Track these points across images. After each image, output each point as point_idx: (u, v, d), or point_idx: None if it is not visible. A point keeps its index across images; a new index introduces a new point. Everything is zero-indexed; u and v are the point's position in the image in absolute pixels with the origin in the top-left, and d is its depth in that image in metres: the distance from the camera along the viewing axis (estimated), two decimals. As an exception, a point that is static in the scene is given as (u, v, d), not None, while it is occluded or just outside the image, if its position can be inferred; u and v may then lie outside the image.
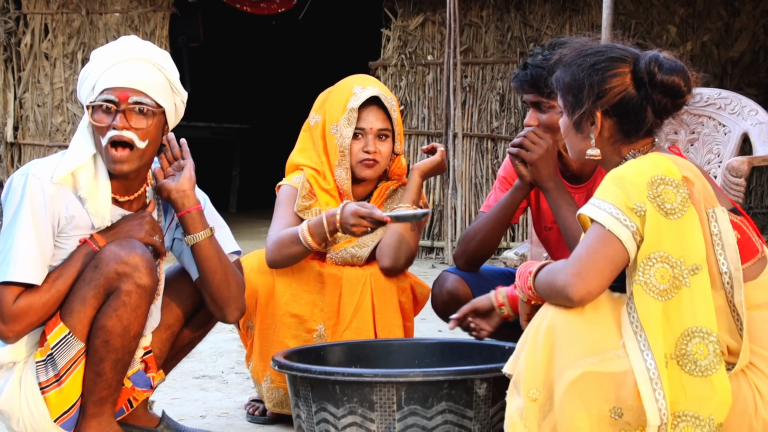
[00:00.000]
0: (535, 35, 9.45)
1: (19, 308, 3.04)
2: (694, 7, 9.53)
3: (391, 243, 3.81)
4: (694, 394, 2.43)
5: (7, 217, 3.08)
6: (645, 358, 2.41)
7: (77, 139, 3.17)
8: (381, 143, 3.86)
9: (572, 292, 2.47)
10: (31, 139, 10.57)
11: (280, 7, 10.56)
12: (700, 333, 2.44)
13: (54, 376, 3.10)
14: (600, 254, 2.48)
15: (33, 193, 3.07)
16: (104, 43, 10.23)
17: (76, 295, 3.10)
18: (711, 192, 2.56)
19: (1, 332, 3.06)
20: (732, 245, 2.52)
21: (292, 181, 3.91)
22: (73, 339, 3.09)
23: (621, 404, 2.42)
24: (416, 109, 9.65)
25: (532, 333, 2.54)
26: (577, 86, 2.68)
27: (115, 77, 3.12)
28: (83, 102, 3.19)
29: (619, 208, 2.49)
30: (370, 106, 3.86)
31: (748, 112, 3.98)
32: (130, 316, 3.09)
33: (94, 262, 3.10)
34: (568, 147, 2.80)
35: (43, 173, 3.10)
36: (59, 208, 3.10)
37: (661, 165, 2.53)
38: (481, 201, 9.32)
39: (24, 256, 3.03)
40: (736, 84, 9.51)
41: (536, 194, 3.72)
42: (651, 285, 2.45)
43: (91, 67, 3.16)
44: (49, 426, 3.13)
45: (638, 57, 2.67)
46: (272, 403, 3.85)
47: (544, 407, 2.49)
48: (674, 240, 2.47)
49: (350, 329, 3.78)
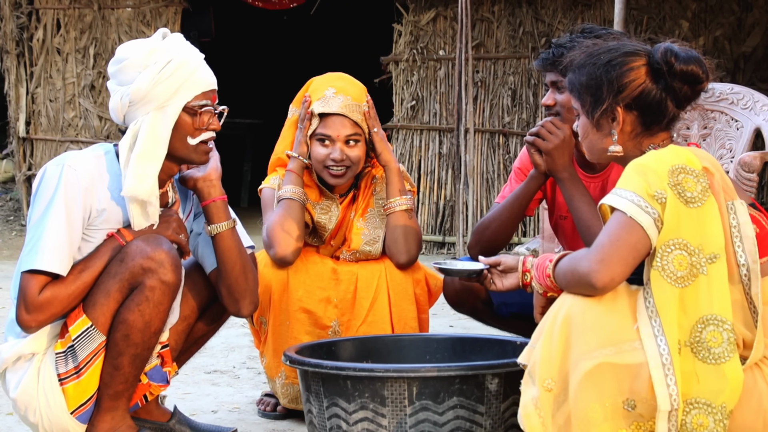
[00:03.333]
0: (546, 30, 9.43)
1: (45, 298, 3.05)
2: (706, 1, 9.50)
3: (398, 239, 3.82)
4: (707, 381, 2.44)
5: (39, 206, 3.08)
6: (659, 344, 2.42)
7: (153, 145, 3.13)
8: (350, 149, 3.84)
9: (596, 278, 2.48)
10: (43, 134, 10.59)
11: (291, 2, 10.57)
12: (714, 321, 2.45)
13: (74, 368, 3.11)
14: (622, 241, 2.49)
15: (68, 184, 3.07)
16: (116, 38, 10.26)
17: (100, 287, 3.11)
18: (730, 185, 2.58)
19: (24, 321, 3.06)
20: (750, 238, 2.53)
21: (270, 183, 3.96)
22: (95, 332, 3.11)
23: (634, 396, 2.42)
24: (428, 104, 9.64)
25: (549, 322, 2.54)
26: (595, 84, 2.72)
27: (204, 81, 3.19)
28: (159, 102, 3.14)
29: (641, 195, 2.51)
30: (335, 115, 3.84)
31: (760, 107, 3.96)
32: (152, 311, 3.11)
33: (120, 256, 3.12)
34: (588, 148, 2.82)
35: (79, 165, 3.11)
36: (92, 201, 3.12)
37: (682, 155, 2.55)
38: (492, 196, 9.31)
39: (53, 247, 3.03)
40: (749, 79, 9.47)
41: (552, 184, 3.72)
42: (669, 271, 2.47)
43: (175, 69, 3.13)
44: (65, 418, 3.14)
45: (651, 50, 2.71)
46: (287, 399, 3.86)
47: (558, 397, 2.49)
48: (693, 228, 2.48)
49: (366, 323, 3.79)
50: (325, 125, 3.82)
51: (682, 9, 9.48)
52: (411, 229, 3.84)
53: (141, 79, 3.12)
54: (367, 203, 3.93)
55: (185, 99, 3.16)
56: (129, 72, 3.15)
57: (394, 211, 3.85)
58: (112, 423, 3.16)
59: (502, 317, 3.82)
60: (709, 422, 2.42)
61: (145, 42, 3.19)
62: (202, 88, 3.18)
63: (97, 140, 10.40)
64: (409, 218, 3.85)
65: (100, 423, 3.16)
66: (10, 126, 10.80)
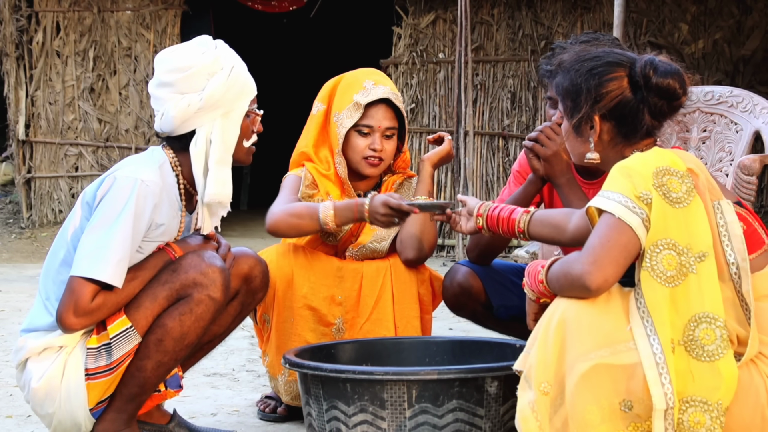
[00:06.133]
0: (546, 33, 9.44)
1: (96, 305, 3.07)
2: (705, 4, 9.51)
3: (413, 234, 3.85)
4: (702, 379, 2.45)
5: (108, 215, 3.08)
6: (652, 343, 2.44)
7: (225, 148, 3.23)
8: (387, 142, 3.89)
9: (589, 280, 2.49)
10: (43, 137, 10.60)
11: (291, 5, 10.57)
12: (707, 318, 2.47)
13: (106, 365, 3.12)
14: (613, 242, 2.51)
15: (140, 201, 3.10)
16: (115, 41, 10.26)
17: (147, 292, 3.14)
18: (715, 185, 2.60)
19: (69, 324, 3.06)
20: (738, 236, 2.55)
21: (296, 172, 3.95)
22: (134, 333, 3.12)
23: (631, 396, 2.43)
24: (427, 107, 9.65)
25: (543, 327, 2.55)
26: (575, 91, 2.74)
27: (254, 85, 3.28)
28: (227, 107, 3.22)
29: (628, 196, 2.52)
30: (379, 104, 3.88)
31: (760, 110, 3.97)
32: (191, 323, 3.14)
33: (173, 266, 3.16)
34: (570, 150, 2.85)
35: (150, 180, 3.13)
36: (156, 216, 3.16)
37: (666, 157, 2.57)
38: (492, 199, 9.32)
39: (117, 260, 3.06)
40: (748, 82, 9.49)
41: (550, 189, 3.73)
42: (658, 271, 2.48)
43: (236, 73, 3.22)
44: (81, 412, 3.14)
45: (634, 61, 2.72)
46: (290, 396, 3.86)
47: (555, 401, 2.50)
48: (680, 228, 2.50)
49: (370, 320, 3.80)
50: (368, 115, 3.87)
51: (681, 12, 9.49)
52: (429, 229, 3.87)
53: (213, 85, 3.17)
54: None
55: (246, 103, 3.25)
56: (198, 79, 3.18)
57: None
58: (116, 425, 3.16)
59: (501, 320, 3.82)
60: (706, 420, 2.43)
61: (198, 48, 3.22)
62: (254, 92, 3.29)
63: (97, 143, 10.41)
64: (430, 219, 3.87)
65: (104, 422, 3.16)
66: (10, 129, 10.80)
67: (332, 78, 4.03)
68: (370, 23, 11.51)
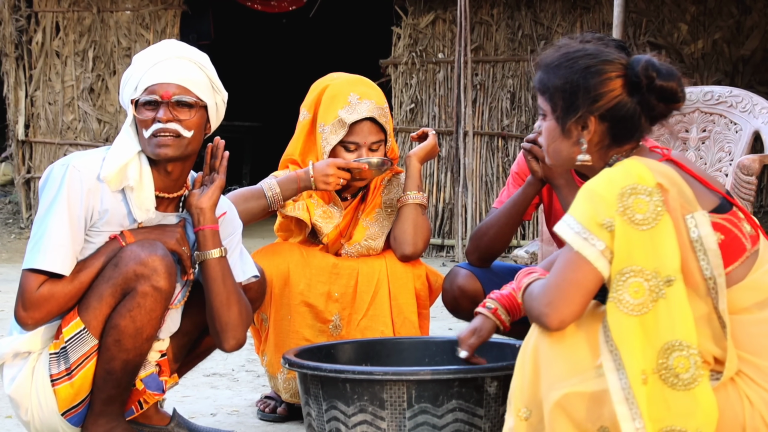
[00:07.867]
0: (545, 33, 9.44)
1: (41, 295, 3.05)
2: (705, 4, 9.51)
3: (407, 229, 3.86)
4: (678, 408, 2.38)
5: (43, 206, 3.09)
6: (620, 378, 2.37)
7: (121, 137, 3.18)
8: (374, 154, 3.87)
9: (547, 322, 2.46)
10: (42, 137, 10.60)
11: (290, 5, 10.58)
12: (679, 346, 2.38)
13: (65, 370, 3.11)
14: (567, 281, 2.45)
15: (71, 185, 3.07)
16: (115, 41, 10.27)
17: (94, 291, 3.10)
18: (689, 196, 2.48)
19: (21, 318, 3.07)
20: (714, 250, 2.45)
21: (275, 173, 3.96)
22: (87, 335, 3.10)
23: (606, 423, 2.38)
24: (427, 107, 9.65)
25: (521, 353, 2.53)
26: (570, 90, 2.58)
27: (158, 75, 3.15)
28: (125, 102, 3.21)
29: (586, 226, 2.43)
30: (364, 120, 3.86)
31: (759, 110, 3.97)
32: (144, 318, 3.09)
33: (114, 260, 3.10)
34: (554, 153, 2.70)
35: (83, 166, 3.11)
36: (94, 202, 3.11)
37: (634, 173, 2.46)
38: (491, 199, 9.32)
39: (55, 246, 3.04)
40: (748, 82, 9.49)
41: (549, 190, 3.73)
42: (624, 302, 2.40)
43: (134, 68, 3.19)
44: (55, 419, 3.13)
45: (630, 61, 2.59)
46: (289, 393, 3.87)
47: (537, 427, 2.48)
48: (646, 252, 2.40)
49: (367, 316, 3.81)
50: (353, 132, 3.84)
51: (680, 12, 9.50)
52: (422, 223, 3.88)
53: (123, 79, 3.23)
54: (375, 204, 3.95)
55: (137, 94, 3.22)
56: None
57: (408, 204, 3.89)
58: (106, 427, 3.16)
59: (500, 321, 3.82)
60: None
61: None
62: (150, 83, 3.22)
63: (97, 143, 10.41)
64: (422, 213, 3.88)
65: (94, 427, 3.15)
66: (9, 129, 10.80)
67: (318, 80, 4.01)
68: (370, 23, 11.51)
